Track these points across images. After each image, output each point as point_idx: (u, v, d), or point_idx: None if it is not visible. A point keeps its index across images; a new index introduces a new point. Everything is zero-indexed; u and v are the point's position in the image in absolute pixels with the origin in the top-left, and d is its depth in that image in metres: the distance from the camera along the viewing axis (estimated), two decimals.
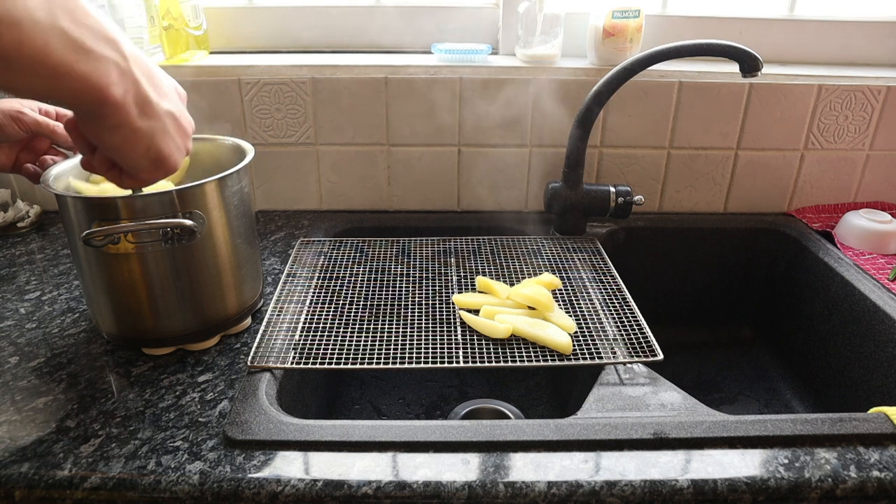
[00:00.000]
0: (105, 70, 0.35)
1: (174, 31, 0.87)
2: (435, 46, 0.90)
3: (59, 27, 0.32)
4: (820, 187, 0.95)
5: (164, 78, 0.43)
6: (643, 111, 0.90)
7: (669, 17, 0.95)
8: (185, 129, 0.45)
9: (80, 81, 0.34)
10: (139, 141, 0.40)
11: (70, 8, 0.33)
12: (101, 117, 0.37)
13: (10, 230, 0.88)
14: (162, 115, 0.41)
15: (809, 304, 0.87)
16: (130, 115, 0.38)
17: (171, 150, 0.43)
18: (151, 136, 0.40)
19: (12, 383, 0.57)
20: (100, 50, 0.35)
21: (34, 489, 0.46)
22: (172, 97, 0.43)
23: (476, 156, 0.92)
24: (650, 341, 0.62)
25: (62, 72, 0.33)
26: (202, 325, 0.61)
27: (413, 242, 0.83)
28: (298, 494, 0.45)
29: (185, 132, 0.45)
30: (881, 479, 0.47)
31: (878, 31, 0.96)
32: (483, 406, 0.77)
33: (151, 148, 0.41)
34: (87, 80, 0.34)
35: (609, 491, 0.46)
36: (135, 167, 0.42)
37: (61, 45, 0.32)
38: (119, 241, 0.55)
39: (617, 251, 0.91)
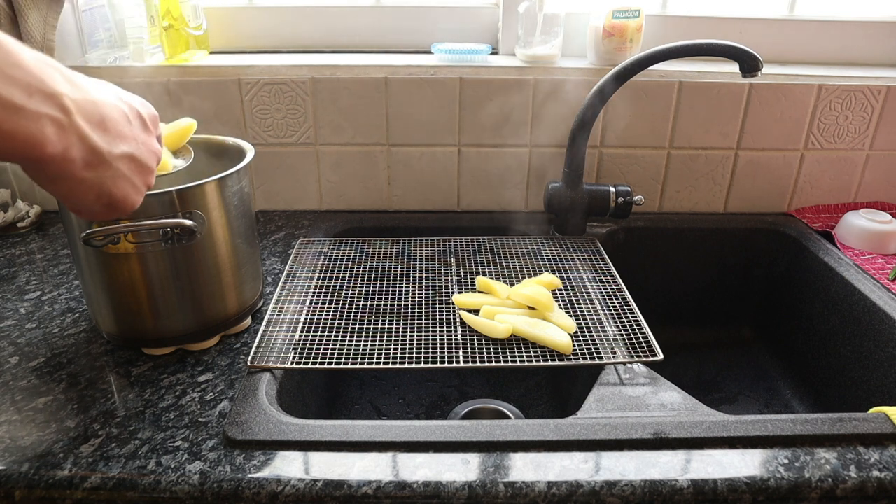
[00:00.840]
0: (39, 129, 0.32)
1: (174, 31, 0.87)
2: (435, 46, 0.90)
3: None
4: (820, 187, 0.95)
5: (119, 115, 0.39)
6: (643, 111, 0.90)
7: (669, 17, 0.95)
8: (145, 166, 0.42)
9: (10, 142, 0.31)
10: (87, 191, 0.37)
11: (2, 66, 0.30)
12: (40, 171, 0.35)
13: (10, 230, 0.88)
14: (113, 162, 0.38)
15: (809, 304, 0.87)
16: (74, 169, 0.35)
17: (125, 194, 0.40)
18: (100, 184, 0.38)
19: (12, 383, 0.57)
20: (33, 107, 0.31)
21: (34, 489, 0.46)
22: (130, 135, 0.40)
23: (476, 156, 0.92)
24: (650, 341, 0.62)
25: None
26: (202, 325, 0.61)
27: (413, 242, 0.83)
28: (298, 494, 0.45)
29: (144, 170, 0.42)
30: (881, 479, 0.47)
31: (878, 31, 0.96)
32: (483, 406, 0.77)
33: (102, 195, 0.38)
34: (17, 141, 0.31)
35: (609, 491, 0.46)
36: (86, 212, 0.40)
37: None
38: (119, 241, 0.55)
39: (617, 251, 0.91)
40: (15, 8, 0.78)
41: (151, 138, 0.43)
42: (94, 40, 0.92)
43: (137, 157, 0.40)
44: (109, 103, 0.38)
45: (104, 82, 0.40)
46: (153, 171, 0.43)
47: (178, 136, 0.62)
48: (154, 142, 0.43)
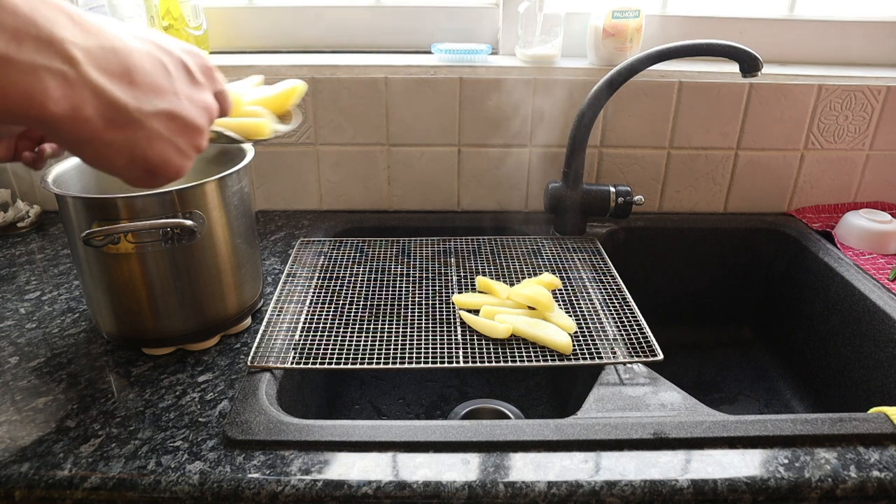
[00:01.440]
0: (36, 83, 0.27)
1: (174, 31, 0.87)
2: (435, 46, 0.90)
3: None
4: (820, 187, 0.95)
5: (154, 65, 0.33)
6: (643, 111, 0.90)
7: (669, 17, 0.95)
8: (190, 125, 0.35)
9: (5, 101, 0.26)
10: (115, 155, 0.32)
11: None
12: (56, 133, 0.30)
13: (10, 230, 0.88)
14: (146, 120, 0.32)
15: (809, 304, 0.87)
16: (93, 129, 0.30)
17: (165, 157, 0.34)
18: (132, 146, 0.32)
19: (12, 383, 0.57)
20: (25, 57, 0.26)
21: (34, 489, 0.46)
22: (170, 88, 0.34)
23: (476, 156, 0.92)
24: (650, 341, 0.62)
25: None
26: (202, 325, 0.61)
27: (413, 242, 0.83)
28: (298, 494, 0.45)
29: (190, 129, 0.35)
30: (881, 479, 0.47)
31: (878, 31, 0.96)
32: (483, 406, 0.77)
33: (136, 159, 0.33)
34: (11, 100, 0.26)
35: (609, 491, 0.46)
36: (125, 179, 0.34)
37: None
38: (119, 241, 0.55)
39: (617, 251, 0.91)
40: None
41: (202, 92, 0.36)
42: None
43: (179, 115, 0.34)
44: (139, 50, 0.32)
45: (139, 27, 0.34)
46: (202, 131, 0.36)
47: (283, 98, 0.57)
48: (205, 96, 0.37)
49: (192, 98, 0.35)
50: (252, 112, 0.53)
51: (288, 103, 0.57)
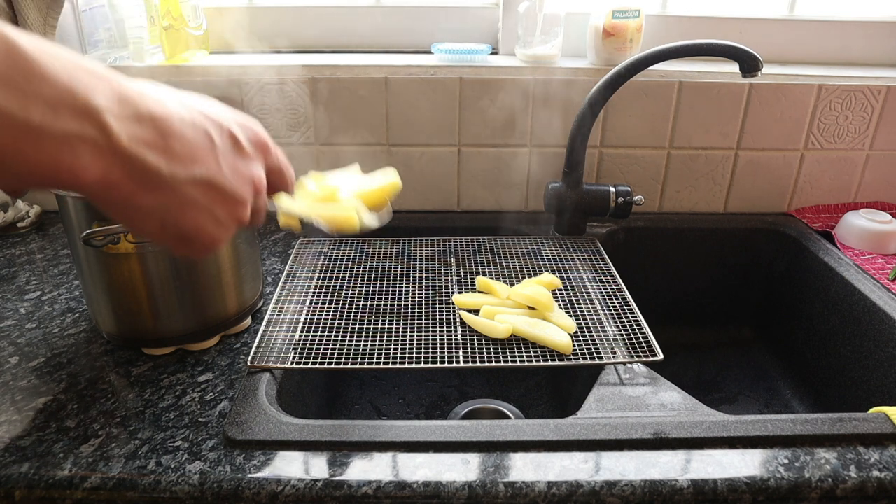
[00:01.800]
0: (69, 152, 0.27)
1: (174, 31, 0.87)
2: (435, 46, 0.90)
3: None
4: (820, 187, 0.95)
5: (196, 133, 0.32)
6: (643, 111, 0.90)
7: (669, 17, 0.95)
8: (230, 195, 0.34)
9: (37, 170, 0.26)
10: (147, 219, 0.32)
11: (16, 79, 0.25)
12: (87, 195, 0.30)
13: (10, 230, 0.88)
14: (180, 187, 0.31)
15: (809, 304, 0.87)
16: (124, 194, 0.30)
17: (198, 226, 0.33)
18: (164, 212, 0.32)
19: (12, 383, 0.57)
20: (60, 127, 0.26)
21: (34, 489, 0.46)
22: (211, 157, 0.33)
23: (476, 156, 0.92)
24: (650, 341, 0.62)
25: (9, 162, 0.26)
26: (202, 325, 0.61)
27: (413, 242, 0.83)
28: (298, 494, 0.45)
29: (230, 200, 0.34)
30: (881, 479, 0.47)
31: (878, 31, 0.96)
32: (483, 406, 0.77)
33: (167, 226, 0.32)
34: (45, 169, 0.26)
35: (609, 491, 0.46)
36: (159, 244, 0.34)
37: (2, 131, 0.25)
38: (119, 241, 0.55)
39: (617, 251, 0.91)
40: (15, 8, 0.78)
41: (249, 164, 0.36)
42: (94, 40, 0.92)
43: (218, 184, 0.33)
44: (181, 118, 0.32)
45: (192, 94, 0.34)
46: (244, 202, 0.35)
47: (379, 194, 0.60)
48: (253, 168, 0.36)
49: (237, 169, 0.35)
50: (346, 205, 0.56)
51: (383, 200, 0.60)
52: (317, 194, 0.56)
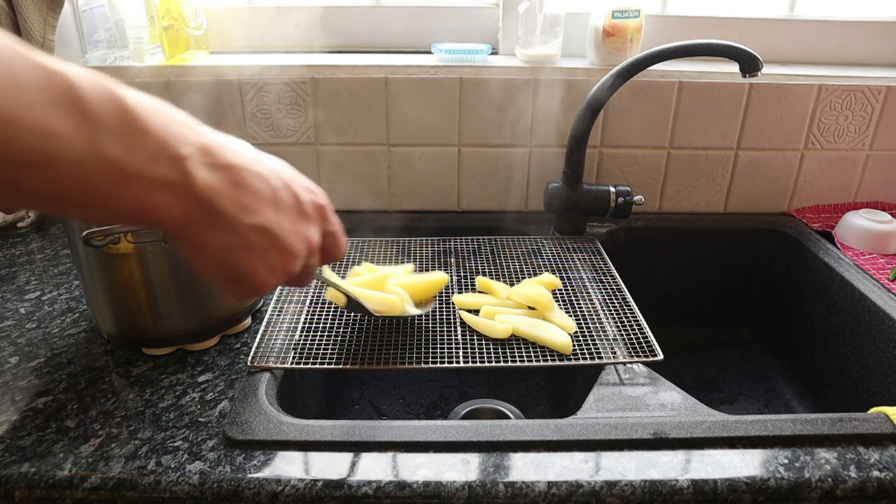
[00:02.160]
0: (159, 193, 0.31)
1: (174, 31, 0.87)
2: (435, 46, 0.90)
3: (102, 156, 0.28)
4: (820, 187, 0.95)
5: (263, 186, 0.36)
6: (643, 111, 0.90)
7: (669, 17, 0.95)
8: (285, 247, 0.37)
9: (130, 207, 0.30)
10: (208, 255, 0.35)
11: (122, 131, 0.28)
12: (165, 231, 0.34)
13: (10, 230, 0.88)
14: (241, 230, 0.35)
15: (809, 304, 0.87)
16: (194, 231, 0.34)
17: (253, 269, 0.36)
18: (225, 250, 0.35)
19: (12, 383, 0.57)
20: (155, 172, 0.30)
21: (34, 489, 0.46)
22: (272, 209, 0.37)
23: (476, 156, 0.92)
24: (650, 341, 0.62)
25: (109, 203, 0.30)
26: (202, 325, 0.61)
27: (413, 242, 0.83)
28: (298, 494, 0.45)
29: (284, 251, 0.38)
30: (881, 479, 0.47)
31: (878, 31, 0.96)
32: (483, 406, 0.77)
33: (225, 264, 0.36)
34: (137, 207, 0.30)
35: (609, 491, 0.46)
36: (214, 280, 0.37)
37: (106, 177, 0.28)
38: (119, 241, 0.55)
39: (617, 251, 0.91)
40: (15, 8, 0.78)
41: (307, 225, 0.39)
42: (94, 40, 0.92)
43: (275, 234, 0.37)
44: (251, 171, 0.35)
45: (270, 157, 0.38)
46: (297, 256, 0.39)
47: (426, 288, 0.68)
48: (309, 230, 0.40)
49: (294, 226, 0.38)
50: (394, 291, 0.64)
51: (429, 295, 0.67)
52: (368, 279, 0.65)
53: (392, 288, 0.65)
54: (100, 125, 0.28)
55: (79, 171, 0.28)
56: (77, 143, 0.27)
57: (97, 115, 0.27)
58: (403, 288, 0.66)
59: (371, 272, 0.69)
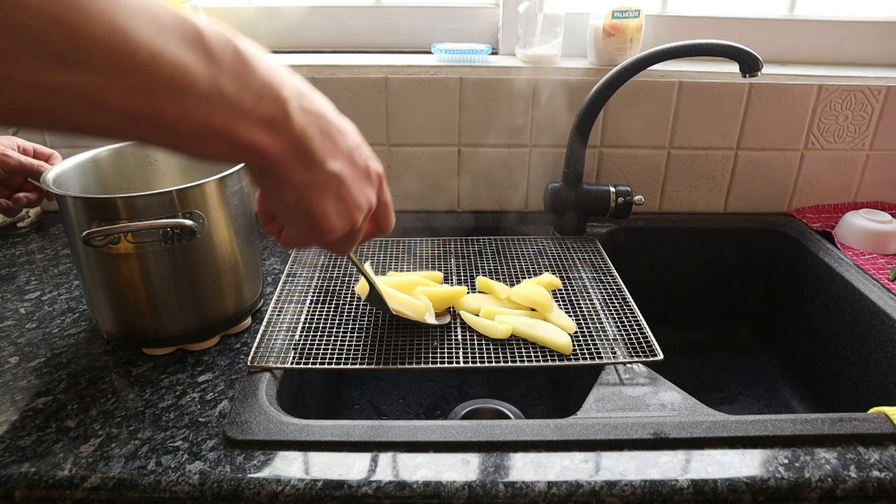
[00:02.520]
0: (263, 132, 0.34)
1: None
2: (435, 46, 0.90)
3: (221, 92, 0.31)
4: (820, 187, 0.95)
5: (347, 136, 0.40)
6: (643, 111, 0.90)
7: (669, 17, 0.95)
8: (352, 199, 0.40)
9: (239, 142, 0.33)
10: (290, 191, 0.38)
11: (237, 71, 0.32)
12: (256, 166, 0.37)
13: (10, 230, 0.88)
14: (322, 172, 0.38)
15: (809, 304, 0.87)
16: (286, 167, 0.37)
17: (325, 212, 0.39)
18: (305, 189, 0.38)
19: (12, 383, 0.57)
20: (261, 110, 0.34)
21: (34, 489, 0.46)
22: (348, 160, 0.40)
23: (476, 156, 0.92)
24: (650, 341, 0.62)
25: (221, 136, 0.33)
26: (202, 325, 0.61)
27: (413, 242, 0.83)
28: (298, 494, 0.45)
29: (351, 203, 0.40)
30: (881, 479, 0.47)
31: (878, 31, 0.96)
32: (483, 406, 0.77)
33: (302, 202, 0.38)
34: (245, 142, 0.34)
35: (609, 491, 0.46)
36: (285, 217, 0.41)
37: (222, 111, 0.32)
38: (119, 241, 0.55)
39: (617, 251, 0.91)
40: None
41: (369, 186, 0.42)
42: None
43: (347, 184, 0.40)
44: (335, 125, 0.39)
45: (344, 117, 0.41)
46: (361, 209, 0.41)
47: (447, 297, 0.68)
48: (370, 192, 0.43)
49: (361, 182, 0.41)
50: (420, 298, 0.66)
51: (449, 304, 0.69)
52: (399, 281, 0.68)
53: (418, 294, 0.67)
54: (220, 64, 0.31)
55: (203, 104, 0.31)
56: (202, 79, 0.30)
57: (218, 55, 0.31)
58: (428, 297, 0.67)
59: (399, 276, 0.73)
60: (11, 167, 0.60)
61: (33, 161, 0.62)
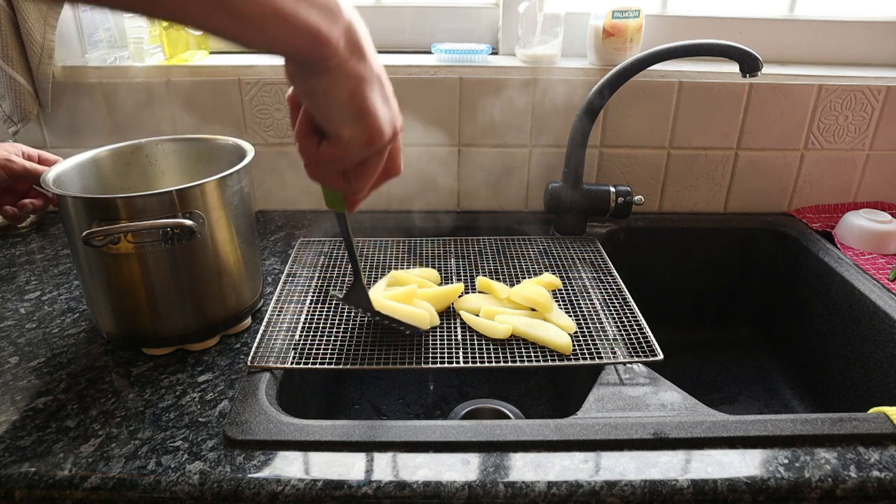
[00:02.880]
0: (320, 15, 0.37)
1: (174, 31, 0.87)
2: (435, 46, 0.90)
3: None
4: (820, 187, 0.95)
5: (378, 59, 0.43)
6: (643, 111, 0.90)
7: (669, 17, 0.95)
8: (393, 105, 0.44)
9: (303, 24, 0.36)
10: (345, 84, 0.40)
11: None
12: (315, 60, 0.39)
13: (10, 230, 0.88)
14: (371, 70, 0.41)
15: (809, 304, 0.87)
16: (340, 56, 0.39)
17: (376, 106, 0.41)
18: (358, 81, 0.40)
19: (12, 383, 0.57)
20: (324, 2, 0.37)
21: (34, 489, 0.46)
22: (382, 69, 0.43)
23: (476, 156, 0.92)
24: (650, 341, 0.62)
25: (286, 19, 0.35)
26: (202, 325, 0.61)
27: (413, 242, 0.83)
28: (298, 494, 0.45)
29: (394, 107, 0.44)
30: (881, 479, 0.47)
31: (878, 31, 0.96)
32: (483, 406, 0.77)
33: (356, 95, 0.40)
34: (308, 24, 0.36)
35: (609, 491, 0.46)
36: (336, 119, 0.41)
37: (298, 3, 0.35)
38: (119, 241, 0.55)
39: (617, 251, 0.91)
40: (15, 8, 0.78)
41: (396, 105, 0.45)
42: (94, 40, 0.92)
43: (388, 89, 0.44)
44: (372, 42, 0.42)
45: None
46: (398, 120, 0.46)
47: (445, 297, 0.69)
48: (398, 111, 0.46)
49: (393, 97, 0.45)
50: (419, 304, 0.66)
51: (447, 303, 0.69)
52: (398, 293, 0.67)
53: (419, 302, 0.67)
54: None
55: None
56: None
57: None
58: (428, 300, 0.67)
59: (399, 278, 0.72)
60: (16, 172, 0.60)
61: (38, 166, 0.62)
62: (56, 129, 0.89)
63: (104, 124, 0.89)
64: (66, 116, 0.88)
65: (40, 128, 0.89)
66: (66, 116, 0.88)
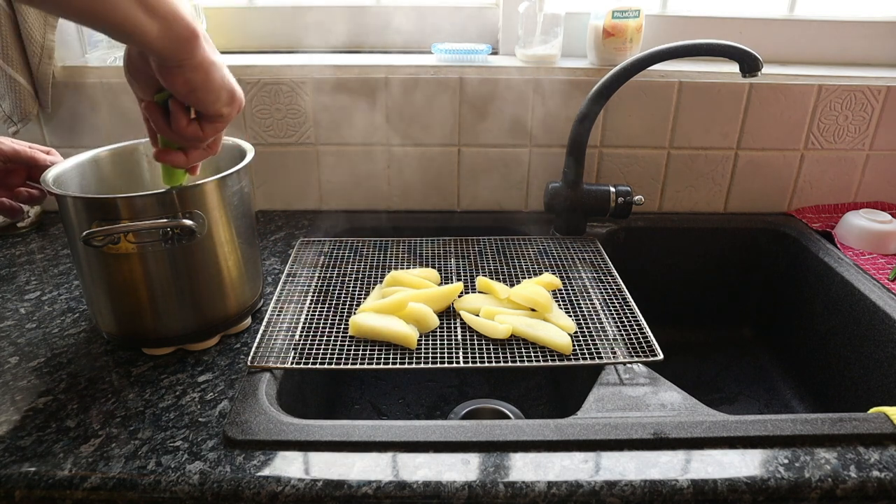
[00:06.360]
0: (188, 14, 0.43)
1: None
2: (435, 46, 0.90)
3: None
4: (820, 187, 0.95)
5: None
6: (643, 111, 0.90)
7: (669, 17, 0.95)
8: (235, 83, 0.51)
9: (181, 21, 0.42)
10: (216, 71, 0.46)
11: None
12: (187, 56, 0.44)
13: (10, 230, 0.88)
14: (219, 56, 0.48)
15: (809, 304, 0.87)
16: (206, 49, 0.45)
17: (233, 81, 0.49)
18: (221, 67, 0.47)
19: (12, 383, 0.57)
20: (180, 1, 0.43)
21: (34, 489, 0.46)
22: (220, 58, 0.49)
23: (476, 156, 0.92)
24: (650, 341, 0.62)
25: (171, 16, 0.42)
26: (202, 325, 0.61)
27: (413, 242, 0.83)
28: (298, 494, 0.45)
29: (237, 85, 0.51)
30: (881, 479, 0.47)
31: (878, 31, 0.96)
32: (483, 406, 0.77)
33: (225, 78, 0.48)
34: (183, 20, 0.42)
35: (609, 491, 0.46)
36: (215, 102, 0.48)
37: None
38: (119, 241, 0.55)
39: (617, 251, 0.91)
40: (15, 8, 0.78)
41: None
42: (94, 40, 0.92)
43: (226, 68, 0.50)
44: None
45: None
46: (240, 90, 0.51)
47: (446, 297, 0.69)
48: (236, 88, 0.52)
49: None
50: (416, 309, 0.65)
51: (447, 303, 0.69)
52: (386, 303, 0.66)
53: (413, 307, 0.65)
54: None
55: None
56: None
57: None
58: (423, 301, 0.66)
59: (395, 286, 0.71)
60: (6, 154, 0.59)
61: (27, 149, 0.60)
62: (56, 129, 0.89)
63: (104, 124, 0.89)
64: (66, 116, 0.88)
65: (40, 128, 0.89)
66: (66, 116, 0.88)
